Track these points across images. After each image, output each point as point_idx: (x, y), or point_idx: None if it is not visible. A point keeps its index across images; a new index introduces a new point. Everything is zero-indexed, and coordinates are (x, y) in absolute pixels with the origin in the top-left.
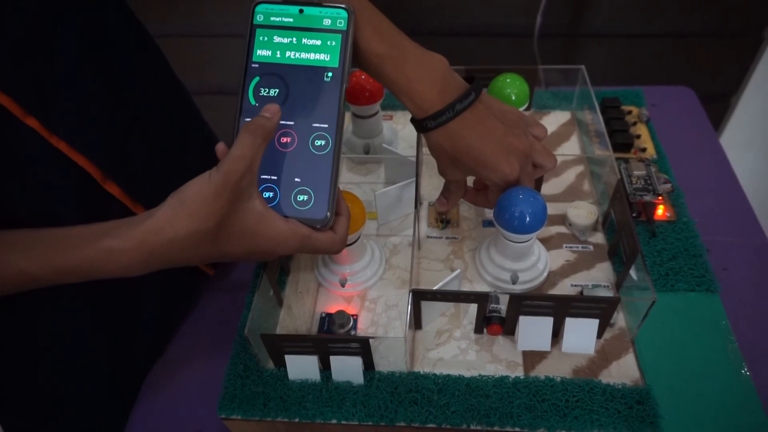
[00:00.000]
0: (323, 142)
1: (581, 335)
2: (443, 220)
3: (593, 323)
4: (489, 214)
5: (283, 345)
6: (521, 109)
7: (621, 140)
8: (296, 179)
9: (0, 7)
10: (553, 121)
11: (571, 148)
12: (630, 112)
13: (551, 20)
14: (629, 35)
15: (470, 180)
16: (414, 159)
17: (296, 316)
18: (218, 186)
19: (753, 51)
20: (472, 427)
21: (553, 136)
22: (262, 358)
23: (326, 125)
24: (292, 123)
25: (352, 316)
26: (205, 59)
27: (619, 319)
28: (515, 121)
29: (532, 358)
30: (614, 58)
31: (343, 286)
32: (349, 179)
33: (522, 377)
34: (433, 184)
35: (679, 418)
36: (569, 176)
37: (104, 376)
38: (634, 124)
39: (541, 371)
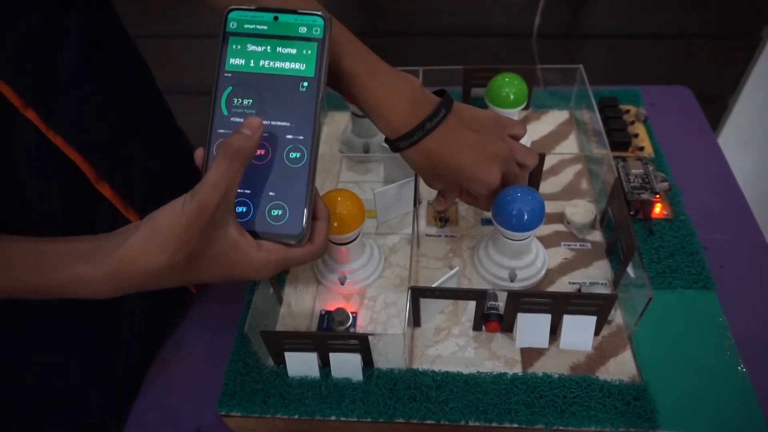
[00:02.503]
0: (298, 155)
1: (579, 332)
2: (442, 219)
3: (591, 320)
4: (487, 212)
5: (282, 342)
6: (519, 108)
7: (619, 139)
8: (270, 193)
9: (11, 3)
10: (552, 120)
11: (569, 146)
12: (628, 111)
13: (550, 20)
14: (627, 35)
15: None
16: None
17: (296, 313)
18: (191, 217)
19: (751, 51)
20: (470, 424)
21: (551, 135)
22: (261, 355)
23: (302, 137)
24: (266, 135)
25: (352, 313)
26: (205, 60)
27: (617, 316)
28: (490, 126)
29: (530, 354)
30: (612, 59)
31: (342, 283)
32: (348, 178)
33: (520, 374)
34: None
35: (676, 414)
36: (567, 175)
37: (102, 374)
38: (632, 123)
39: (539, 368)
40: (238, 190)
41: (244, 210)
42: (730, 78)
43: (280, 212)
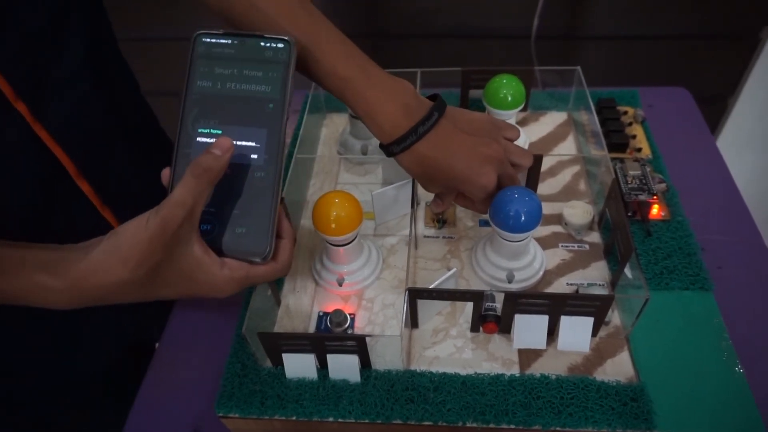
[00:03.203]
0: (263, 174)
1: (576, 333)
2: (440, 220)
3: (588, 321)
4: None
5: (280, 343)
6: (517, 110)
7: (616, 140)
8: (235, 212)
9: (18, 3)
10: (550, 121)
11: (567, 148)
12: (626, 113)
13: (548, 22)
14: (626, 37)
15: None
16: None
17: (294, 315)
18: (154, 234)
19: (750, 52)
20: (467, 425)
21: (549, 137)
22: (259, 357)
23: (267, 156)
24: (232, 155)
25: (350, 314)
26: None
27: (614, 317)
28: (485, 129)
29: (527, 356)
30: (611, 60)
31: (340, 285)
32: (346, 180)
33: (517, 375)
34: None
35: (674, 415)
36: (565, 176)
37: (101, 374)
38: (630, 124)
39: (537, 369)
40: (204, 209)
41: (209, 228)
42: (729, 79)
43: (244, 230)
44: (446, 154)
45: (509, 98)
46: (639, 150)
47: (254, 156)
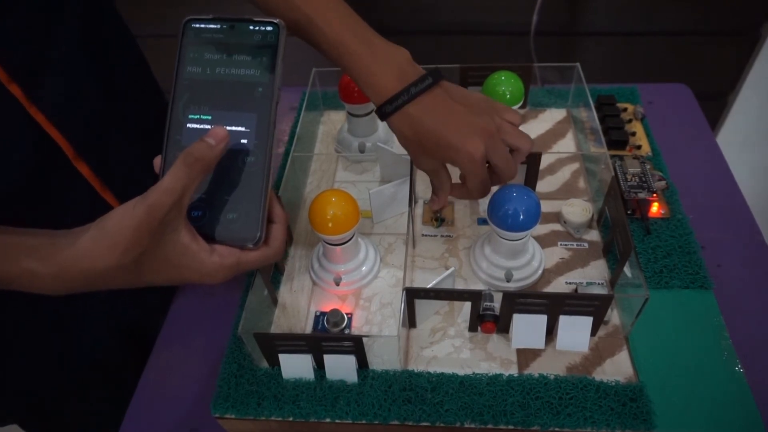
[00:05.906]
0: (253, 159)
1: (575, 333)
2: (438, 219)
3: (587, 321)
4: (484, 212)
5: (276, 344)
6: (516, 107)
7: (616, 137)
8: (226, 197)
9: None
10: (549, 118)
11: (566, 145)
12: (625, 110)
13: (547, 18)
14: (626, 33)
15: (456, 177)
16: (409, 157)
17: (291, 314)
18: (140, 220)
19: (750, 49)
20: (465, 425)
21: (548, 134)
22: (256, 357)
23: (257, 141)
24: None
25: (347, 314)
26: None
27: (613, 316)
28: (480, 105)
29: (526, 355)
30: (611, 57)
31: (337, 284)
32: (344, 178)
33: (516, 375)
34: (427, 183)
35: (673, 415)
36: (564, 173)
37: (98, 361)
38: (630, 121)
39: (535, 369)
40: (194, 194)
41: (200, 214)
42: (729, 76)
43: (235, 216)
44: (437, 119)
45: (508, 95)
46: (639, 147)
47: (244, 141)
